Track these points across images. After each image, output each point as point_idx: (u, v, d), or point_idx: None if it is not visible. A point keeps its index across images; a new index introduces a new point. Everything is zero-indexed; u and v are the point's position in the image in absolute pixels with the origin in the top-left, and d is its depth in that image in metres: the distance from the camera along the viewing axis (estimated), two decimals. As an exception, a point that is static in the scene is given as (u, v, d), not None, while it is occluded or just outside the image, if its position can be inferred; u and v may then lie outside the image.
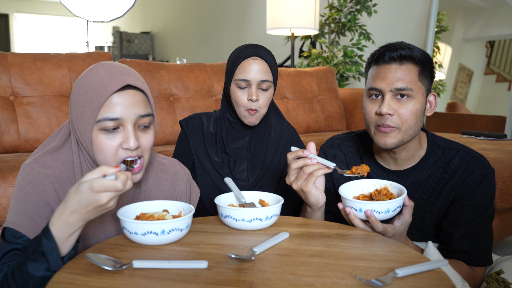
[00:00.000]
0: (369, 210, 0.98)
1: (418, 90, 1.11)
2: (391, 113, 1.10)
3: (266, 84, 1.30)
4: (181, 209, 0.99)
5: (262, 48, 1.32)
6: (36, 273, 0.81)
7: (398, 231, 1.03)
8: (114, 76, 0.90)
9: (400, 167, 1.22)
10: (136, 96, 0.92)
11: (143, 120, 0.93)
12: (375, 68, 1.15)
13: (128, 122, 0.91)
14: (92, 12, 4.62)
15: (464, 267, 1.19)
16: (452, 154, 1.19)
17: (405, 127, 1.11)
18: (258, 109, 1.31)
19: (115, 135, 0.90)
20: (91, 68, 0.94)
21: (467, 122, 3.50)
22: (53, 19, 9.21)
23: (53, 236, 0.81)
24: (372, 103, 1.14)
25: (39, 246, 0.81)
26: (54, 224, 0.82)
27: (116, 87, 0.89)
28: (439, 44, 3.65)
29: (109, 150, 0.90)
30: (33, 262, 0.81)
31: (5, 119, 1.85)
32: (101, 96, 0.88)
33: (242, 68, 1.29)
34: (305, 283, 0.72)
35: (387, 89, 1.10)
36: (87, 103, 0.90)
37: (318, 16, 3.35)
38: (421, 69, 1.11)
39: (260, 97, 1.30)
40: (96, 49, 6.49)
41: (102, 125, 0.89)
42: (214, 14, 6.16)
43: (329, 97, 3.01)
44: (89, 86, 0.90)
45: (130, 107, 0.91)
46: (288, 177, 1.06)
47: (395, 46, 1.12)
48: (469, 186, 1.15)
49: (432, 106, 1.18)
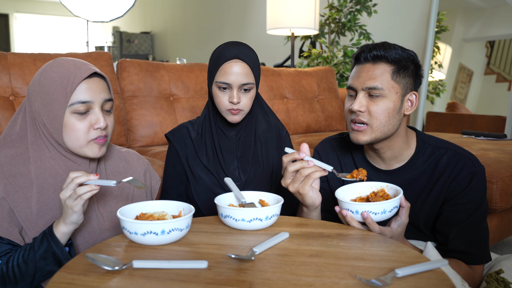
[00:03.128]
0: (365, 212, 0.98)
1: (391, 89, 1.13)
2: (362, 110, 1.14)
3: (247, 86, 1.30)
4: (181, 209, 0.99)
5: (243, 48, 1.30)
6: (46, 267, 0.96)
7: (396, 232, 1.04)
8: (80, 66, 1.02)
9: (390, 166, 1.24)
10: (101, 83, 1.05)
11: (107, 104, 1.05)
12: (354, 67, 1.20)
13: (96, 105, 1.02)
14: (92, 12, 4.62)
15: (463, 266, 1.19)
16: (441, 153, 1.20)
17: (376, 125, 1.14)
18: (241, 108, 1.31)
19: (85, 117, 1.02)
20: (52, 62, 1.04)
21: (467, 122, 3.50)
22: (53, 19, 9.20)
23: (57, 239, 0.96)
24: (349, 101, 1.20)
25: (50, 247, 0.96)
26: (54, 227, 0.97)
27: (86, 74, 1.01)
28: (439, 44, 3.65)
29: (81, 129, 1.01)
30: (43, 260, 0.95)
31: (5, 119, 1.85)
32: (72, 82, 0.99)
33: (223, 71, 1.28)
34: (305, 283, 0.72)
35: (359, 87, 1.15)
36: (57, 90, 1.00)
37: (318, 16, 3.35)
38: (395, 69, 1.14)
39: (242, 98, 1.30)
40: (96, 49, 6.49)
41: (74, 108, 1.00)
42: (214, 14, 6.16)
43: (329, 97, 3.01)
44: (57, 76, 1.00)
45: (98, 92, 1.03)
46: (284, 180, 1.07)
47: (369, 47, 1.16)
48: (459, 185, 1.16)
49: (412, 105, 1.20)
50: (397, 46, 1.16)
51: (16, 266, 0.95)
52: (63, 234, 0.97)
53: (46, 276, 0.97)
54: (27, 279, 0.96)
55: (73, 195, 0.92)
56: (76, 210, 0.93)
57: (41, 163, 1.04)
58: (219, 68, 1.29)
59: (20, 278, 0.96)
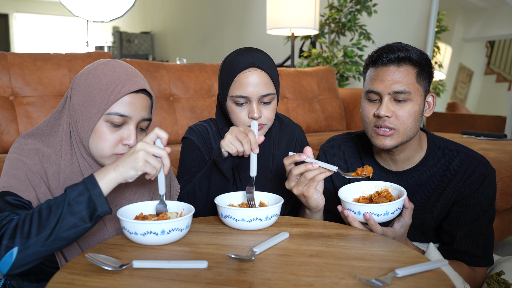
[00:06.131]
0: (368, 213, 0.98)
1: (416, 92, 1.11)
2: (389, 115, 1.10)
3: (269, 98, 1.17)
4: (181, 209, 0.99)
5: (258, 54, 1.18)
6: (75, 216, 0.81)
7: (398, 233, 1.03)
8: (131, 77, 0.98)
9: (400, 168, 1.22)
10: (146, 100, 1.01)
11: (144, 123, 1.02)
12: (373, 70, 1.14)
13: (133, 121, 0.99)
14: (92, 12, 4.62)
15: (465, 268, 1.18)
16: (453, 155, 1.19)
17: (403, 129, 1.11)
18: (264, 123, 1.18)
19: (118, 129, 0.98)
20: (105, 63, 1.00)
21: (467, 122, 3.50)
22: (53, 19, 9.20)
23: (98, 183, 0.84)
24: (371, 105, 1.15)
25: (85, 190, 0.82)
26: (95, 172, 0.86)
27: (134, 88, 0.97)
28: (439, 44, 3.65)
29: (110, 141, 0.97)
30: (75, 204, 0.81)
31: (5, 119, 1.85)
32: (118, 92, 0.96)
33: (238, 83, 1.15)
34: (305, 283, 0.72)
35: (385, 92, 1.10)
36: (100, 94, 0.96)
37: (318, 16, 3.35)
38: (419, 71, 1.11)
39: (263, 111, 1.17)
40: (96, 49, 6.49)
41: (110, 118, 0.96)
42: (214, 14, 6.16)
43: (329, 97, 3.01)
44: (105, 79, 0.97)
45: (139, 109, 0.99)
46: (288, 182, 1.05)
47: (392, 48, 1.11)
48: (470, 187, 1.15)
49: (430, 107, 1.18)
50: (412, 47, 1.13)
51: (37, 212, 0.81)
52: (109, 180, 0.84)
53: (69, 231, 0.81)
54: (44, 232, 0.80)
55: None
56: (138, 161, 0.85)
57: (70, 157, 1.01)
58: (233, 80, 1.16)
59: (36, 229, 0.80)
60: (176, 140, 2.30)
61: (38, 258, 0.82)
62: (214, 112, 2.42)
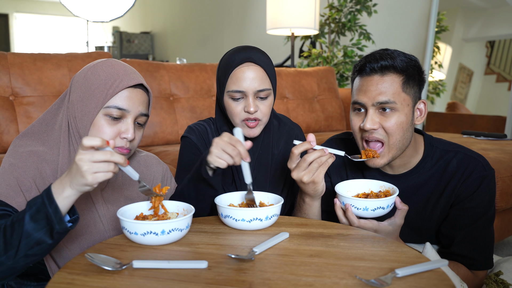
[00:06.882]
0: (348, 204, 1.04)
1: (403, 101, 1.09)
2: (375, 128, 1.09)
3: (265, 93, 1.17)
4: (181, 209, 0.99)
5: (255, 51, 1.19)
6: (35, 233, 0.79)
7: (384, 229, 1.05)
8: (129, 73, 1.02)
9: (397, 171, 1.22)
10: (143, 95, 1.04)
11: (141, 118, 1.04)
12: (358, 79, 1.13)
13: (131, 115, 1.01)
14: (92, 12, 4.62)
15: (463, 268, 1.18)
16: (450, 156, 1.17)
17: (392, 141, 1.10)
18: (259, 118, 1.19)
19: (116, 123, 1.00)
20: (103, 61, 1.03)
21: (467, 122, 3.50)
22: (53, 19, 9.20)
23: (54, 198, 0.80)
24: (357, 117, 1.14)
25: (43, 207, 0.79)
26: (53, 185, 0.82)
27: (132, 83, 1.00)
28: (439, 44, 3.65)
29: (108, 134, 0.99)
30: (34, 222, 0.79)
31: (5, 119, 1.85)
32: (116, 86, 0.98)
33: (234, 78, 1.16)
34: (305, 283, 0.72)
35: (369, 103, 1.09)
36: (98, 88, 0.98)
37: (318, 16, 3.35)
38: (405, 79, 1.08)
39: (259, 106, 1.18)
40: (96, 49, 6.49)
41: (109, 111, 0.98)
42: (214, 14, 6.16)
43: (329, 97, 3.01)
44: (103, 75, 1.00)
45: (137, 103, 1.01)
46: (298, 171, 1.03)
47: (375, 57, 1.09)
48: (468, 188, 1.13)
49: (422, 114, 1.16)
50: (400, 52, 1.11)
51: (2, 230, 0.80)
52: (66, 197, 0.81)
53: (33, 248, 0.80)
54: (11, 250, 0.79)
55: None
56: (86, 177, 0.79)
57: (68, 154, 1.01)
58: (229, 75, 1.17)
59: (3, 247, 0.79)
60: (176, 140, 2.30)
61: (14, 272, 0.83)
62: (214, 112, 2.41)
